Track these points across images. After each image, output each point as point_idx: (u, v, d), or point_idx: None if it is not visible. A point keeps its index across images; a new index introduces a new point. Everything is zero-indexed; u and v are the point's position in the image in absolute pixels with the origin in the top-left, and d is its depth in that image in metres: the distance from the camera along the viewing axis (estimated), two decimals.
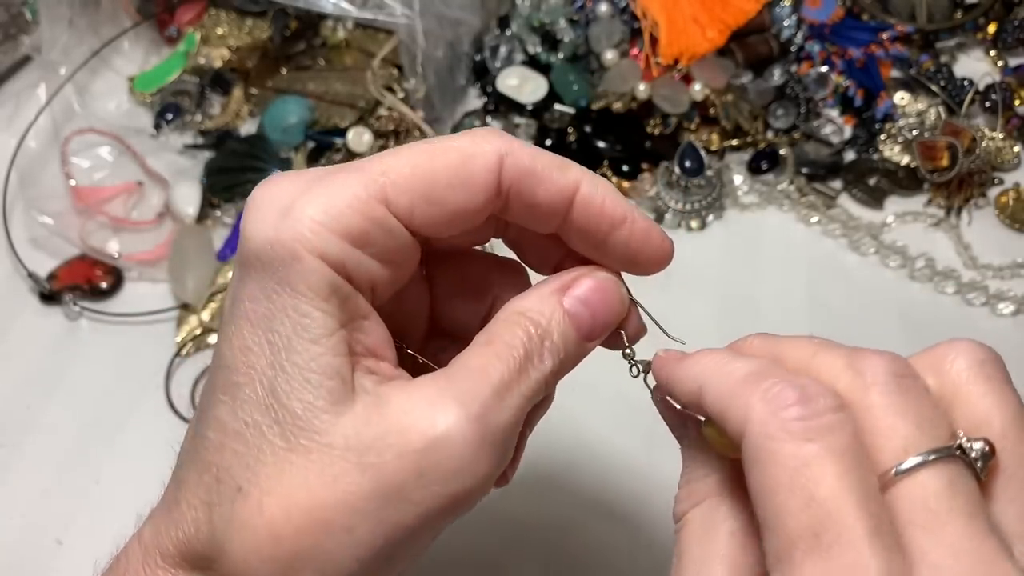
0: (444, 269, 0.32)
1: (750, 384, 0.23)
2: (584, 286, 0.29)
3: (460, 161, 0.26)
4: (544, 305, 0.28)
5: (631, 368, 0.30)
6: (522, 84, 0.66)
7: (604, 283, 0.29)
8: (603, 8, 0.67)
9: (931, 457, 0.22)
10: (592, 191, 0.28)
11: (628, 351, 0.30)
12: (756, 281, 0.58)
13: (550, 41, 0.68)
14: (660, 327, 0.31)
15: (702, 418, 0.27)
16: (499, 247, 0.33)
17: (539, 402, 0.32)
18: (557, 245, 0.30)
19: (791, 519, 0.21)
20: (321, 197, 0.25)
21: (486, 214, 0.28)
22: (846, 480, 0.21)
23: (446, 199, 0.26)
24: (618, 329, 0.30)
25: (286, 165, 0.63)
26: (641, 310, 0.30)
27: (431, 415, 0.25)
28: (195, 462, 0.27)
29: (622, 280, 0.30)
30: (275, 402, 0.25)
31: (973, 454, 0.23)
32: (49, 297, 0.58)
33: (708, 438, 0.26)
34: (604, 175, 0.63)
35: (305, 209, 0.25)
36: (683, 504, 0.27)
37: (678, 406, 0.28)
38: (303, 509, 0.25)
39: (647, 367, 0.29)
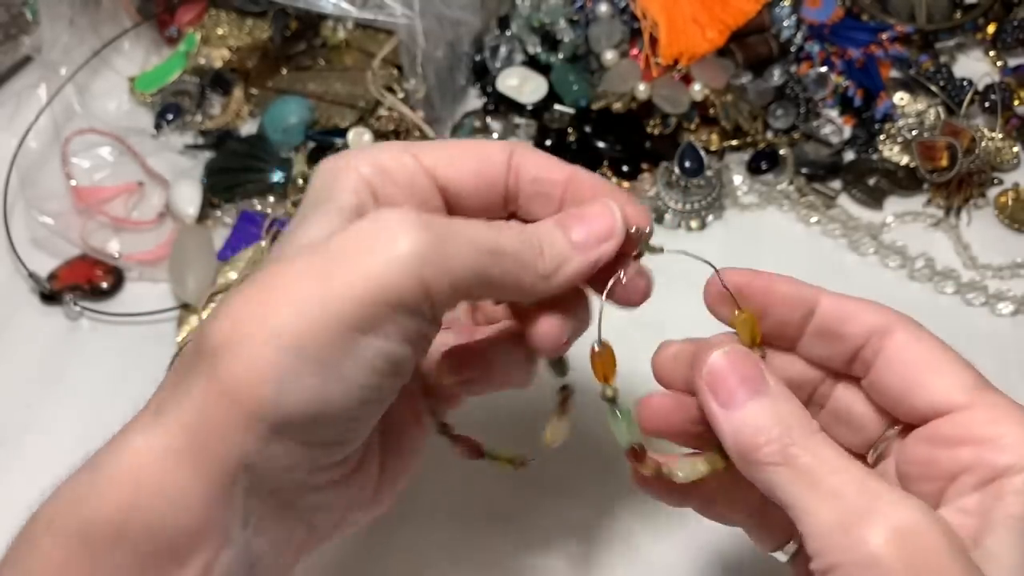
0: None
1: None
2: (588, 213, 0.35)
3: (478, 143, 0.38)
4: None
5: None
6: (522, 84, 0.67)
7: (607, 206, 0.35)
8: (603, 8, 0.67)
9: None
10: (522, 160, 0.36)
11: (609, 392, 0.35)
12: None
13: (550, 41, 0.68)
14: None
15: None
16: None
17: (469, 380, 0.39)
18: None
19: None
20: (369, 149, 0.36)
21: (500, 187, 0.36)
22: None
23: (464, 163, 0.35)
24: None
25: (286, 165, 0.63)
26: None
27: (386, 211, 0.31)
28: None
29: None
30: (285, 234, 0.34)
31: None
32: (49, 297, 0.58)
33: None
34: (604, 175, 0.63)
35: (355, 152, 0.36)
36: None
37: None
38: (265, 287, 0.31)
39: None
